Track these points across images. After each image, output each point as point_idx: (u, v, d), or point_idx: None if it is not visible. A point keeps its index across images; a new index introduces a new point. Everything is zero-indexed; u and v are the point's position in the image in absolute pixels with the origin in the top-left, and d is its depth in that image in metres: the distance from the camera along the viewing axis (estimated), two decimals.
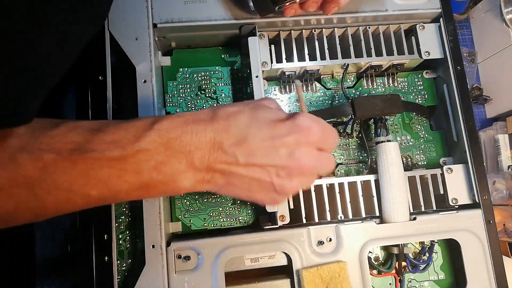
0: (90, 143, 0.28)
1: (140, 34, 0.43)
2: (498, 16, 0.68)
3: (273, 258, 0.43)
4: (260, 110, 0.33)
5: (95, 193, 0.29)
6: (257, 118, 0.32)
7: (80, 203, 0.29)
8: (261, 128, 0.31)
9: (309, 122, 0.32)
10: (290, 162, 0.31)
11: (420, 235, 0.44)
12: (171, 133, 0.30)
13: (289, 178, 0.32)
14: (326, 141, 0.34)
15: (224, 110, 0.32)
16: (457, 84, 0.48)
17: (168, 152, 0.30)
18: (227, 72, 0.50)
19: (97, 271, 0.39)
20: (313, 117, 0.33)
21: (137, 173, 0.29)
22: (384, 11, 0.48)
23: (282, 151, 0.31)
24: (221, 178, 0.32)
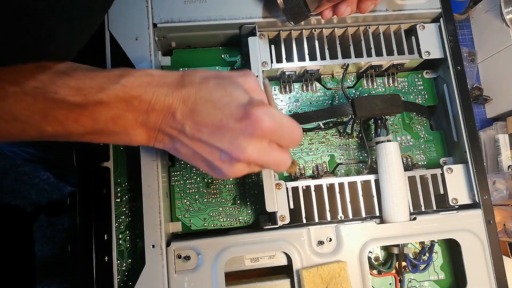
0: (54, 84, 0.29)
1: (140, 34, 0.43)
2: (498, 16, 0.68)
3: (273, 258, 0.43)
4: (225, 88, 0.32)
5: (49, 129, 0.30)
6: (216, 95, 0.32)
7: (34, 135, 0.30)
8: (215, 107, 0.31)
9: (261, 115, 0.31)
10: (232, 149, 0.31)
11: (420, 235, 0.44)
12: (133, 90, 0.31)
13: (229, 164, 0.32)
14: (282, 138, 0.33)
15: (191, 78, 0.33)
16: (457, 84, 0.48)
17: (126, 107, 0.31)
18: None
19: (97, 271, 0.39)
20: (270, 111, 0.32)
21: (93, 120, 0.31)
22: (384, 11, 0.48)
23: (226, 136, 0.31)
24: (170, 141, 0.33)
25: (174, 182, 0.47)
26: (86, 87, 0.30)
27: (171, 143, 0.34)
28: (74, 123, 0.30)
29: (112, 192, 0.41)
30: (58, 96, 0.29)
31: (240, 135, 0.31)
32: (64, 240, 1.18)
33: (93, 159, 0.42)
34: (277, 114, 0.32)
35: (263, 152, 0.32)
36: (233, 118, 0.31)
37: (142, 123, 0.32)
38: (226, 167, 0.33)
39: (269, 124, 0.31)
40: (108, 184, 0.41)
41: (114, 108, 0.31)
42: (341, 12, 0.42)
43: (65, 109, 0.30)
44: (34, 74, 0.29)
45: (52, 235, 1.19)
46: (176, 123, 0.32)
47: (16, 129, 0.30)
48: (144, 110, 0.31)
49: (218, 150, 0.32)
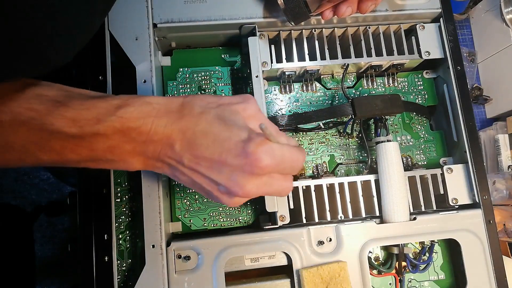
0: (50, 115, 0.29)
1: (140, 34, 0.43)
2: (498, 16, 0.68)
3: (273, 258, 0.43)
4: (224, 120, 0.32)
5: (46, 158, 0.30)
6: (216, 129, 0.31)
7: (30, 162, 0.30)
8: (214, 141, 0.31)
9: (259, 154, 0.30)
10: (230, 185, 0.31)
11: (420, 235, 0.44)
12: (131, 122, 0.30)
13: (228, 196, 0.32)
14: (282, 170, 0.32)
15: (191, 107, 0.32)
16: (457, 84, 0.48)
17: (124, 139, 0.31)
18: (227, 72, 0.50)
19: (97, 271, 0.39)
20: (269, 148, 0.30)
21: (90, 150, 0.30)
22: (384, 11, 0.48)
23: (224, 171, 0.31)
24: (169, 169, 0.33)
25: (174, 182, 0.47)
26: (82, 118, 0.29)
27: (170, 170, 0.33)
28: (70, 153, 0.30)
29: (112, 192, 0.41)
30: (54, 127, 0.29)
31: (239, 172, 0.31)
32: (64, 240, 1.18)
33: None
34: (277, 149, 0.31)
35: (262, 187, 0.32)
36: (232, 154, 0.30)
37: (140, 152, 0.32)
38: (225, 199, 0.32)
39: (269, 163, 0.30)
40: (108, 184, 0.41)
41: (111, 139, 0.30)
42: (341, 13, 0.42)
43: (62, 140, 0.29)
44: (30, 104, 0.28)
45: (52, 235, 1.18)
46: (174, 154, 0.31)
47: (13, 157, 0.30)
48: (142, 141, 0.31)
49: (216, 183, 0.32)
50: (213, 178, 0.31)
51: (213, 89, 0.49)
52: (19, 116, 0.28)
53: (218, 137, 0.31)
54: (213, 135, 0.31)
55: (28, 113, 0.28)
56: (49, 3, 0.26)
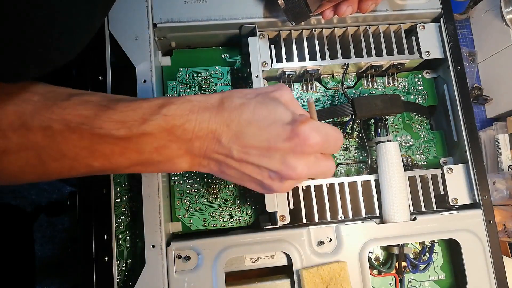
0: (98, 119, 0.29)
1: (140, 34, 0.43)
2: (498, 16, 0.68)
3: (273, 258, 0.43)
4: (267, 106, 0.32)
5: (97, 164, 0.30)
6: (260, 116, 0.32)
7: (82, 171, 0.31)
8: (260, 128, 0.31)
9: (308, 131, 0.31)
10: (282, 168, 0.31)
11: (420, 235, 0.44)
12: (176, 120, 0.31)
13: (279, 181, 0.33)
14: (327, 148, 0.33)
15: (231, 100, 0.32)
16: (457, 84, 0.47)
17: (170, 137, 0.31)
18: (227, 72, 0.50)
19: (97, 271, 0.39)
20: (315, 125, 0.32)
21: (138, 152, 0.31)
22: (384, 11, 0.48)
23: (276, 156, 0.31)
24: (216, 165, 0.33)
25: (174, 182, 0.47)
26: (129, 119, 0.30)
27: (217, 167, 0.33)
28: (120, 157, 0.30)
29: (112, 192, 0.41)
30: (103, 131, 0.29)
31: (289, 154, 0.31)
32: (64, 240, 1.18)
33: None
34: (322, 127, 0.32)
35: (312, 166, 0.32)
36: (281, 138, 0.31)
37: (187, 151, 0.32)
38: (276, 184, 0.33)
39: (318, 140, 0.31)
40: (108, 184, 0.41)
41: (158, 138, 0.30)
42: (342, 12, 0.42)
43: (111, 143, 0.30)
44: (78, 111, 0.29)
45: (52, 235, 1.18)
46: (222, 148, 0.32)
47: (65, 167, 0.30)
48: (188, 138, 0.31)
49: (267, 169, 0.32)
50: (264, 165, 0.32)
51: (213, 89, 0.49)
52: (70, 123, 0.28)
53: (263, 124, 0.31)
54: (258, 123, 0.31)
55: (78, 119, 0.29)
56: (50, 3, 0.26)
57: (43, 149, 0.28)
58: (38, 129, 0.28)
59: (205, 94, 0.34)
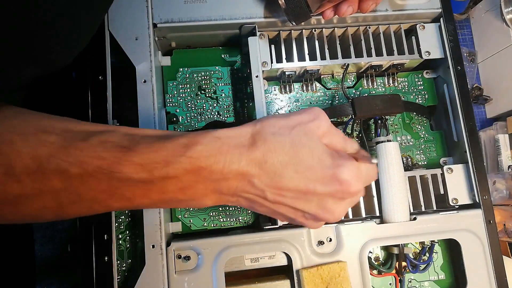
0: (118, 163, 0.27)
1: (140, 34, 0.43)
2: (498, 16, 0.68)
3: (273, 258, 0.43)
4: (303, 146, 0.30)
5: (117, 205, 0.29)
6: (298, 157, 0.30)
7: (102, 211, 0.30)
8: (298, 172, 0.29)
9: (350, 178, 0.29)
10: (319, 212, 0.31)
11: (420, 235, 0.44)
12: (202, 162, 0.29)
13: (314, 221, 0.32)
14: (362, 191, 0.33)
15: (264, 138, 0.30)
16: (457, 84, 0.47)
17: (195, 179, 0.29)
18: (227, 72, 0.50)
19: (97, 271, 0.39)
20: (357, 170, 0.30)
21: (161, 193, 0.29)
22: (384, 11, 0.48)
23: (314, 199, 0.30)
24: (246, 202, 0.32)
25: None
26: (151, 162, 0.28)
27: (246, 202, 0.32)
28: (141, 198, 0.29)
29: None
30: (122, 175, 0.27)
31: (329, 199, 0.30)
32: (64, 240, 1.18)
33: None
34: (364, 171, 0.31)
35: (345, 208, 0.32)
36: (320, 183, 0.30)
37: (214, 191, 0.30)
38: (310, 223, 0.32)
39: (360, 187, 0.31)
40: None
41: (182, 181, 0.29)
42: (342, 12, 0.42)
43: (131, 186, 0.28)
44: (96, 153, 0.27)
45: (52, 235, 1.18)
46: (255, 190, 0.30)
47: (84, 208, 0.29)
48: (215, 179, 0.29)
49: (303, 212, 0.31)
50: (300, 208, 0.31)
51: (213, 89, 0.49)
52: (87, 167, 0.27)
53: (301, 166, 0.29)
54: (295, 165, 0.29)
55: (96, 162, 0.27)
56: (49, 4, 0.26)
57: (60, 192, 0.27)
58: (55, 173, 0.27)
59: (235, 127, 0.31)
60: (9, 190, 0.26)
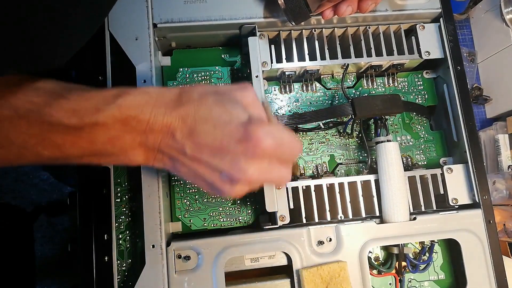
0: (49, 107, 0.28)
1: (140, 34, 0.43)
2: (498, 16, 0.68)
3: (273, 258, 0.43)
4: (224, 104, 0.32)
5: (47, 153, 0.30)
6: (216, 113, 0.31)
7: (31, 159, 0.30)
8: (215, 127, 0.31)
9: (261, 134, 0.30)
10: (233, 171, 0.31)
11: (420, 235, 0.44)
12: (130, 110, 0.30)
13: (230, 184, 0.32)
14: (282, 155, 0.32)
15: (189, 95, 0.32)
16: (457, 84, 0.48)
17: (123, 128, 0.30)
18: (227, 72, 0.50)
19: (97, 271, 0.39)
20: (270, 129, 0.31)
21: (91, 142, 0.30)
22: (384, 11, 0.48)
23: (227, 157, 0.31)
24: (170, 161, 0.33)
25: (174, 182, 0.47)
26: (81, 108, 0.29)
27: (170, 162, 0.33)
28: (71, 147, 0.30)
29: (112, 192, 0.41)
30: (53, 118, 0.28)
31: (241, 156, 0.30)
32: (64, 240, 1.18)
33: None
34: (277, 132, 0.31)
35: (264, 171, 0.32)
36: (234, 139, 0.30)
37: (141, 143, 0.31)
38: (227, 187, 0.32)
39: (270, 144, 0.30)
40: (108, 184, 0.41)
41: (111, 129, 0.30)
42: (342, 12, 0.42)
43: (62, 132, 0.29)
44: (28, 97, 0.28)
45: (52, 235, 1.18)
46: (176, 143, 0.31)
47: (13, 154, 0.29)
48: (142, 130, 0.31)
49: (219, 170, 0.31)
50: (215, 165, 0.31)
51: None
52: (18, 109, 0.28)
53: (219, 122, 0.31)
54: (214, 120, 0.31)
55: (27, 105, 0.28)
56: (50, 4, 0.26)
57: None
58: None
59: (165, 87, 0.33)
60: None
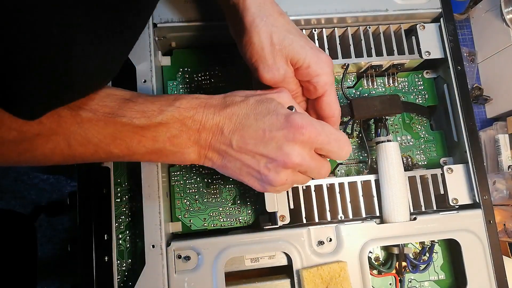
0: (121, 109, 0.33)
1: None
2: (498, 16, 0.68)
3: (273, 258, 0.43)
4: (264, 103, 0.36)
5: (116, 151, 0.34)
6: (257, 110, 0.35)
7: (103, 157, 0.34)
8: (257, 119, 0.35)
9: (302, 121, 0.34)
10: (277, 156, 0.34)
11: (420, 235, 0.44)
12: (187, 112, 0.35)
13: (275, 171, 0.34)
14: (325, 145, 0.35)
15: (232, 98, 0.36)
16: (457, 84, 0.47)
17: (181, 127, 0.35)
18: (227, 72, 0.50)
19: (97, 271, 0.39)
20: (310, 118, 0.35)
21: (154, 140, 0.34)
22: (384, 11, 0.48)
23: (271, 144, 0.34)
24: (219, 158, 0.36)
25: (174, 182, 0.47)
26: (149, 110, 0.34)
27: (219, 159, 0.36)
28: (137, 144, 0.34)
29: (112, 192, 0.41)
30: (125, 119, 0.33)
31: (283, 141, 0.34)
32: (64, 240, 1.18)
33: None
34: (319, 122, 0.35)
35: (306, 157, 0.34)
36: (275, 127, 0.34)
37: (195, 141, 0.35)
38: (272, 174, 0.35)
39: (310, 129, 0.33)
40: (108, 184, 0.41)
41: (171, 128, 0.34)
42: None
43: (130, 131, 0.33)
44: (104, 102, 0.33)
45: (52, 235, 1.18)
46: (224, 138, 0.35)
47: (89, 151, 0.33)
48: (196, 129, 0.35)
49: (264, 158, 0.34)
50: (260, 153, 0.34)
51: (213, 89, 0.49)
52: (97, 112, 0.32)
53: (260, 115, 0.35)
54: (256, 115, 0.35)
55: (104, 109, 0.32)
56: None
57: (71, 134, 0.31)
58: (69, 117, 0.31)
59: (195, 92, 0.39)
60: (30, 130, 0.29)
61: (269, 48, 0.37)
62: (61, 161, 0.33)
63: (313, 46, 0.39)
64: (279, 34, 0.37)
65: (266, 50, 0.37)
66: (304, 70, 0.38)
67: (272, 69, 0.38)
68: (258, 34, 0.37)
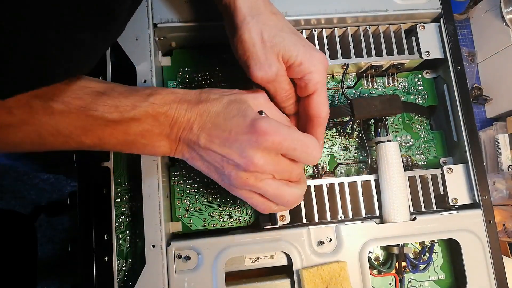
0: (94, 103, 0.33)
1: (140, 34, 0.43)
2: (498, 16, 0.68)
3: (273, 258, 0.43)
4: (235, 103, 0.36)
5: (88, 141, 0.34)
6: (227, 109, 0.35)
7: (74, 146, 0.34)
8: (226, 120, 0.35)
9: (267, 127, 0.33)
10: (240, 159, 0.34)
11: (420, 235, 0.44)
12: (160, 108, 0.35)
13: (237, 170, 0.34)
14: (289, 151, 0.34)
15: (207, 95, 0.36)
16: (457, 84, 0.48)
17: (154, 123, 0.35)
18: (227, 72, 0.50)
19: (97, 271, 0.39)
20: (276, 123, 0.34)
21: (126, 134, 0.34)
22: (384, 11, 0.48)
23: (235, 146, 0.34)
24: (188, 152, 0.37)
25: (174, 182, 0.47)
26: (122, 105, 0.33)
27: (188, 153, 0.37)
28: (109, 136, 0.34)
29: (112, 192, 0.41)
30: (98, 113, 0.33)
31: (246, 145, 0.33)
32: (64, 240, 1.18)
33: (93, 159, 0.42)
34: (284, 128, 0.34)
35: (270, 162, 0.34)
36: (241, 130, 0.34)
37: (166, 135, 0.36)
38: (234, 175, 0.34)
39: (274, 136, 0.33)
40: (108, 184, 0.41)
41: (144, 123, 0.34)
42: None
43: (103, 125, 0.33)
44: (77, 95, 0.32)
45: (52, 235, 1.19)
46: (193, 135, 0.35)
47: (59, 142, 0.33)
48: (168, 124, 0.35)
49: (227, 159, 0.34)
50: (224, 154, 0.34)
51: None
52: (69, 104, 0.32)
53: (229, 116, 0.35)
54: (225, 114, 0.35)
55: (76, 101, 0.32)
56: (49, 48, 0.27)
57: (42, 125, 0.31)
58: (40, 108, 0.31)
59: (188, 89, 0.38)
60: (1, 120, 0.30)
61: (260, 45, 0.37)
62: (30, 149, 0.33)
63: (306, 44, 0.38)
64: (270, 32, 0.37)
65: (257, 47, 0.37)
66: (296, 67, 0.38)
67: (263, 66, 0.37)
68: (249, 32, 0.37)
